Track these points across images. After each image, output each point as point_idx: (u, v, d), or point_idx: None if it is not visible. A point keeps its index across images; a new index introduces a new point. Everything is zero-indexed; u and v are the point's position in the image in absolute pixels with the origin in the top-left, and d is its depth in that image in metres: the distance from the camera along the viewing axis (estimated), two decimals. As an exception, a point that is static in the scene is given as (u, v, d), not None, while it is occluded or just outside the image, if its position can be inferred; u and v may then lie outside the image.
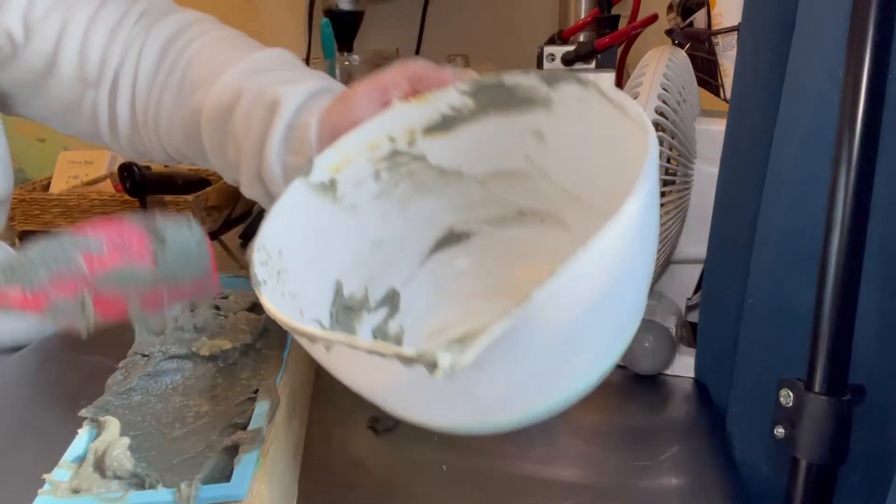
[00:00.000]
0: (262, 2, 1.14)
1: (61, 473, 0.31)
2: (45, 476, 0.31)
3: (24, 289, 0.33)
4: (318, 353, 0.27)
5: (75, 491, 0.30)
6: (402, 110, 0.41)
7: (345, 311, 0.39)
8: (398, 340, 0.41)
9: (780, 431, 0.32)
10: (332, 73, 0.88)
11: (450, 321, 0.42)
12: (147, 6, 0.57)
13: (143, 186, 0.97)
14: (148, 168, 1.04)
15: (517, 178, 0.42)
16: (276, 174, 0.46)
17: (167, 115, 0.53)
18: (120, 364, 0.40)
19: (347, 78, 0.88)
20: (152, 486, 0.30)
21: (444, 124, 0.41)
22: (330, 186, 0.39)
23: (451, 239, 0.44)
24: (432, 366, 0.23)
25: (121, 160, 1.05)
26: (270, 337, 0.42)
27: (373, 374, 0.27)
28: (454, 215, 0.44)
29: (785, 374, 0.32)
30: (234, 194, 1.00)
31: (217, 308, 0.46)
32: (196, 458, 0.32)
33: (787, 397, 0.32)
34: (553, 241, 0.42)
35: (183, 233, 0.36)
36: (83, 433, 0.34)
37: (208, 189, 0.99)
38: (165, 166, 1.22)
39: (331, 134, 0.43)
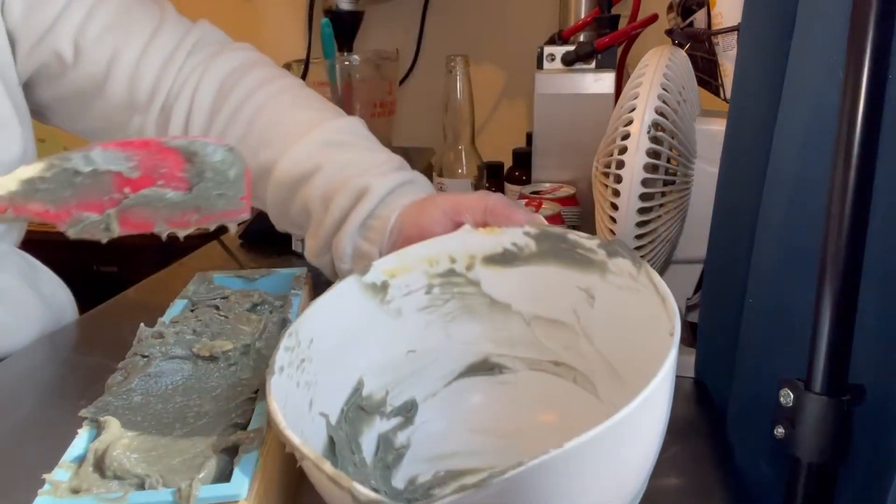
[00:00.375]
0: (262, 1, 1.14)
1: (61, 473, 0.31)
2: (45, 476, 0.31)
3: (47, 206, 0.32)
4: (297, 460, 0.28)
5: (75, 491, 0.30)
6: (469, 236, 0.43)
7: (357, 410, 0.39)
8: (400, 454, 0.41)
9: (779, 431, 0.32)
10: (332, 73, 0.88)
11: (454, 450, 0.42)
12: (200, 36, 0.58)
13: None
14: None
15: (561, 329, 0.43)
16: (347, 254, 0.48)
17: None
18: (119, 365, 0.40)
19: (348, 78, 0.88)
20: (152, 487, 0.30)
21: (505, 258, 0.43)
22: (381, 288, 0.41)
23: (483, 367, 0.45)
24: None
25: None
26: (270, 338, 0.42)
27: (334, 497, 0.27)
28: (493, 346, 0.45)
29: (785, 374, 0.32)
30: (234, 194, 1.00)
31: (217, 308, 0.45)
32: (196, 459, 0.32)
33: (786, 397, 0.32)
34: (580, 402, 0.42)
35: (224, 162, 0.35)
36: (83, 433, 0.34)
37: (208, 189, 0.99)
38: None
39: (400, 230, 0.46)
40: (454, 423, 0.43)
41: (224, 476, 0.31)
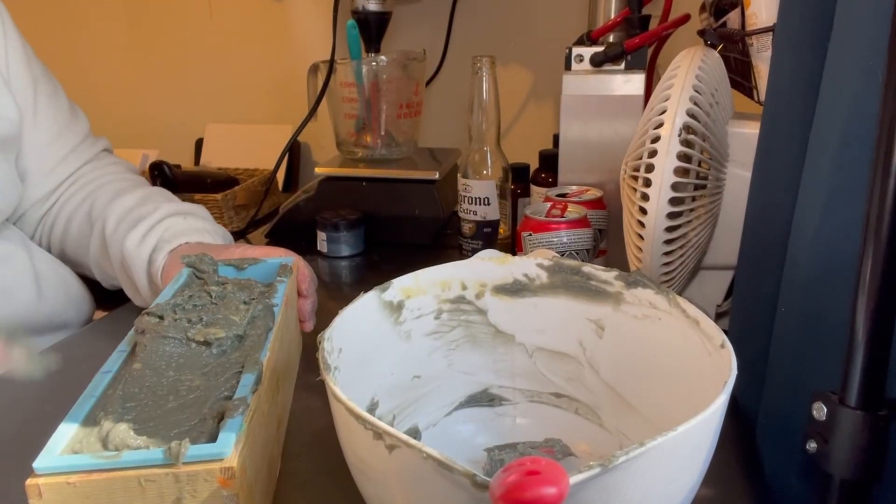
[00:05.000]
0: (291, 1, 1.15)
1: (64, 434, 0.32)
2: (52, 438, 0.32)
3: None
4: (376, 454, 0.28)
5: (75, 452, 0.32)
6: (482, 263, 0.44)
7: None
8: None
9: (812, 446, 0.31)
10: (358, 73, 0.88)
11: None
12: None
13: (173, 185, 0.98)
14: (178, 167, 1.05)
15: (565, 361, 0.43)
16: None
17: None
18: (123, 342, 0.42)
19: (374, 78, 0.88)
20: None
21: (514, 289, 0.44)
22: (397, 307, 0.42)
23: (483, 398, 0.45)
24: None
25: (152, 159, 1.06)
26: (258, 324, 0.44)
27: (433, 488, 0.26)
28: (494, 377, 0.45)
29: (818, 386, 0.31)
30: (260, 194, 1.01)
31: (210, 296, 0.47)
32: (191, 431, 0.34)
33: (819, 411, 0.31)
34: (584, 432, 0.42)
35: None
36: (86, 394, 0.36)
37: (236, 188, 0.99)
38: (195, 165, 1.24)
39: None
40: (453, 456, 0.43)
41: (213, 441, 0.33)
